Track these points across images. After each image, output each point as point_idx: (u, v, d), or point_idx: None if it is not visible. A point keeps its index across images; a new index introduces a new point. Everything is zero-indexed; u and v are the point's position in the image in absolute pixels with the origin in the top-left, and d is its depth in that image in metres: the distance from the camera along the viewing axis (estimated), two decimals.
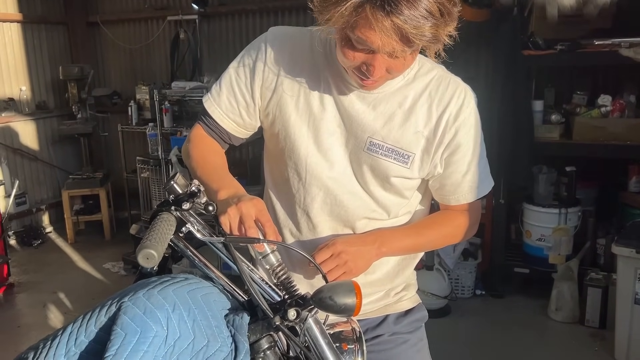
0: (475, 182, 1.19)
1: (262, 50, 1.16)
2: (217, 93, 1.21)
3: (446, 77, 1.14)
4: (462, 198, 1.20)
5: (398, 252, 1.22)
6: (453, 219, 1.23)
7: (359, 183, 1.17)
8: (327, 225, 1.19)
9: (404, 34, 0.89)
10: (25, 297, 3.74)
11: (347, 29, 0.93)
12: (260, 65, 1.16)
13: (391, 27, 0.88)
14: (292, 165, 1.18)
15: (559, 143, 3.23)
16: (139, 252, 0.81)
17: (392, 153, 1.13)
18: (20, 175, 4.83)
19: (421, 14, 0.87)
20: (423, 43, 0.92)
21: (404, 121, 1.12)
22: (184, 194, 0.95)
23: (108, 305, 0.92)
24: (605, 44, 3.01)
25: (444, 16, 0.90)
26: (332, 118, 1.14)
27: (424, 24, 0.88)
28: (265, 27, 4.37)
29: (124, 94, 5.30)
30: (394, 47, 0.92)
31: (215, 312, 0.97)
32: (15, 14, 4.83)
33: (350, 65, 1.01)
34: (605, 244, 3.18)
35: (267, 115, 1.19)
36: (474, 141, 1.16)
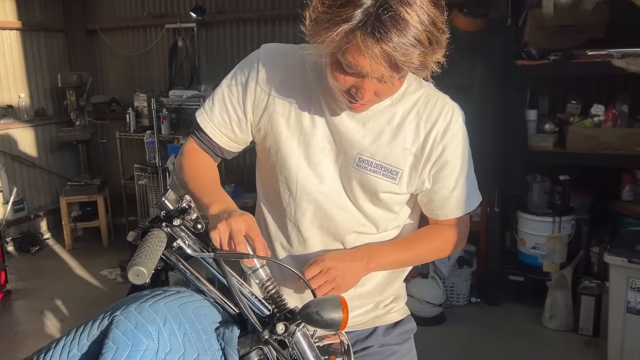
0: (463, 198, 1.21)
1: (254, 68, 1.19)
2: (210, 108, 1.23)
3: (434, 95, 1.16)
4: (450, 213, 1.22)
5: (387, 267, 1.23)
6: (441, 233, 1.25)
7: (349, 198, 1.19)
8: (317, 239, 1.21)
9: (392, 61, 0.91)
10: (23, 304, 3.75)
11: (337, 53, 0.95)
12: (252, 82, 1.18)
13: (380, 54, 0.90)
14: (282, 180, 1.20)
15: (553, 152, 3.26)
16: (129, 270, 0.83)
17: (380, 169, 1.15)
18: (19, 182, 4.85)
19: (410, 42, 0.89)
20: (411, 70, 0.94)
21: (392, 138, 1.15)
22: (175, 210, 0.97)
23: (100, 319, 0.94)
24: (598, 54, 3.05)
25: (433, 44, 0.92)
26: (322, 134, 1.16)
27: (413, 51, 0.90)
28: (263, 36, 4.41)
29: (122, 101, 5.33)
30: (382, 73, 0.94)
31: (206, 325, 0.99)
32: (15, 22, 4.86)
33: (340, 88, 1.03)
34: (598, 253, 3.20)
35: (258, 131, 1.22)
36: (462, 158, 1.18)
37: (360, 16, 0.88)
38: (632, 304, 2.65)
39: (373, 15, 0.88)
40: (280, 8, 4.57)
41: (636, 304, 2.64)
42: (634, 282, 2.63)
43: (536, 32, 3.32)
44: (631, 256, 2.62)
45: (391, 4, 0.88)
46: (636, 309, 2.65)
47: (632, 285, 2.64)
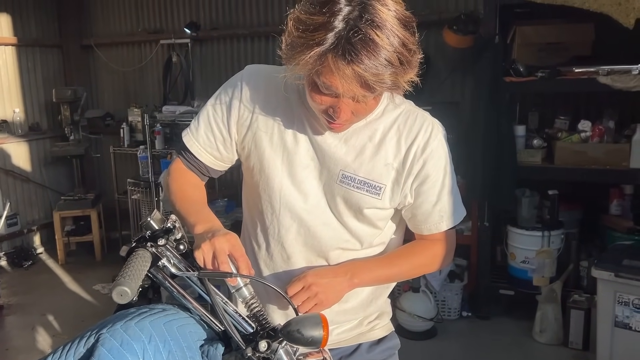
0: (447, 212, 1.23)
1: (237, 88, 1.22)
2: (196, 128, 1.26)
3: (414, 112, 1.20)
4: (433, 227, 1.24)
5: (370, 283, 1.24)
6: (427, 248, 1.27)
7: (333, 214, 1.21)
8: (301, 256, 1.23)
9: (364, 81, 0.95)
10: (14, 319, 3.75)
11: (312, 74, 0.99)
12: (236, 102, 1.22)
13: (352, 75, 0.94)
14: (266, 198, 1.23)
15: (542, 167, 3.30)
16: (113, 289, 0.85)
17: (364, 185, 1.18)
18: (12, 196, 4.85)
19: (380, 63, 0.93)
20: (383, 89, 0.98)
21: (374, 154, 1.18)
22: (160, 229, 1.00)
23: (87, 337, 0.96)
24: (584, 72, 3.09)
25: (404, 65, 0.96)
26: (306, 152, 1.19)
27: (384, 72, 0.94)
28: (256, 51, 4.46)
29: (116, 116, 5.36)
30: (355, 93, 0.98)
31: (191, 342, 1.01)
32: (10, 38, 4.90)
33: (318, 109, 1.07)
34: (587, 267, 3.24)
35: (243, 149, 1.25)
36: (443, 172, 1.20)
37: (332, 39, 0.93)
38: (620, 317, 2.68)
39: (344, 38, 0.92)
40: (273, 25, 4.63)
41: (623, 318, 2.67)
42: (621, 296, 2.66)
43: (524, 49, 3.38)
44: (618, 270, 2.65)
45: (361, 27, 0.92)
46: (623, 323, 2.67)
47: (620, 299, 2.67)
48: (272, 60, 4.67)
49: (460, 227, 3.49)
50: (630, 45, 2.98)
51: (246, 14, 4.74)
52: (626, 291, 2.65)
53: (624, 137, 3.18)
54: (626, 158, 3.06)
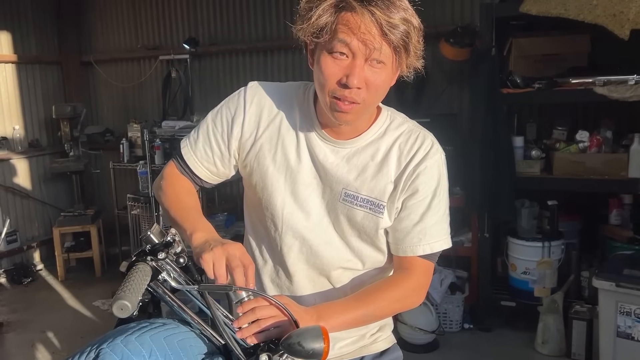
0: (426, 236, 1.17)
1: (241, 105, 1.22)
2: (194, 141, 1.26)
3: (416, 131, 1.21)
4: (408, 249, 1.18)
5: (340, 328, 1.12)
6: (401, 282, 1.19)
7: (337, 232, 1.21)
8: (303, 274, 1.23)
9: (379, 24, 1.00)
10: (14, 336, 3.72)
11: (326, 33, 1.03)
12: (239, 119, 1.22)
13: (369, 18, 1.00)
14: (269, 216, 1.23)
15: (540, 177, 3.31)
16: (113, 304, 0.86)
17: (367, 203, 1.18)
18: (12, 213, 4.85)
19: (396, 11, 1.01)
20: (397, 39, 1.02)
21: (376, 172, 1.18)
22: (160, 243, 1.00)
23: (87, 352, 0.96)
24: (581, 82, 3.12)
25: (414, 26, 1.05)
26: (309, 170, 1.20)
27: (397, 19, 1.01)
28: (255, 66, 4.50)
29: (116, 132, 5.39)
30: (373, 40, 1.01)
31: (191, 356, 1.01)
32: (10, 55, 4.93)
33: (331, 84, 1.07)
34: (588, 277, 3.23)
35: (245, 167, 1.25)
36: (432, 193, 1.17)
37: None
38: (622, 328, 2.67)
39: None
40: (271, 40, 4.67)
41: (626, 328, 2.66)
42: (623, 306, 2.65)
43: (520, 61, 3.41)
44: (619, 280, 2.64)
45: None
46: (626, 333, 2.66)
47: (621, 309, 2.66)
48: (271, 74, 4.71)
49: (460, 238, 3.54)
50: (625, 55, 3.00)
51: (244, 29, 4.78)
52: (628, 301, 2.64)
53: (622, 147, 3.19)
54: (624, 168, 3.07)
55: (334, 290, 1.25)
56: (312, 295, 1.25)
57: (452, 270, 3.48)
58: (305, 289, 1.25)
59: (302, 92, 1.24)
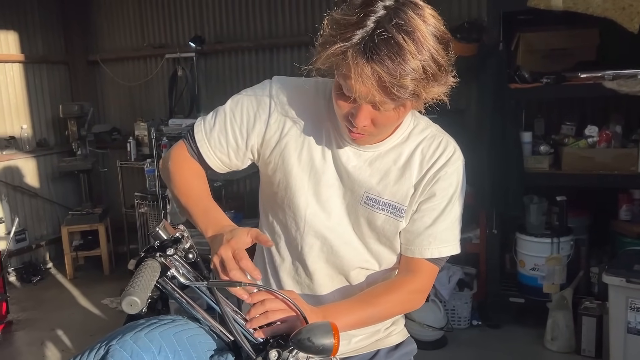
0: (436, 240, 1.17)
1: (265, 101, 1.20)
2: (210, 128, 1.22)
3: (439, 136, 1.18)
4: (417, 251, 1.18)
5: (345, 329, 1.11)
6: (406, 283, 1.19)
7: (356, 234, 1.20)
8: (322, 272, 1.23)
9: (382, 84, 0.93)
10: (24, 334, 3.75)
11: (336, 74, 1.00)
12: (263, 115, 1.19)
13: (370, 74, 0.93)
14: (290, 215, 1.21)
15: (549, 173, 3.29)
16: (122, 300, 0.85)
17: (388, 207, 1.17)
18: (21, 212, 4.88)
19: (401, 66, 0.92)
20: (402, 97, 0.95)
21: (399, 177, 1.16)
22: (169, 239, 1.00)
23: (97, 348, 0.96)
24: (590, 77, 3.09)
25: (429, 76, 0.94)
26: (332, 172, 1.18)
27: (404, 76, 0.92)
28: (261, 64, 4.47)
29: (123, 130, 5.40)
30: (373, 96, 0.96)
31: (201, 353, 1.00)
32: (17, 55, 4.96)
33: (341, 114, 1.07)
34: (598, 273, 3.20)
35: (268, 163, 1.22)
36: (448, 200, 1.17)
37: (358, 37, 0.93)
38: (632, 324, 2.65)
39: (369, 36, 0.93)
40: (277, 37, 4.66)
41: (636, 324, 2.64)
42: (633, 302, 2.63)
43: (528, 56, 3.39)
44: (629, 276, 2.62)
45: (388, 29, 0.92)
46: (636, 329, 2.64)
47: (632, 305, 2.64)
48: (277, 72, 4.70)
49: (468, 235, 3.52)
50: (635, 49, 2.97)
51: (250, 26, 4.78)
52: (638, 297, 2.61)
53: (632, 142, 3.17)
54: (634, 162, 3.04)
55: (352, 287, 1.25)
56: (331, 293, 1.24)
57: (461, 266, 3.47)
58: (325, 287, 1.24)
59: (328, 91, 1.19)
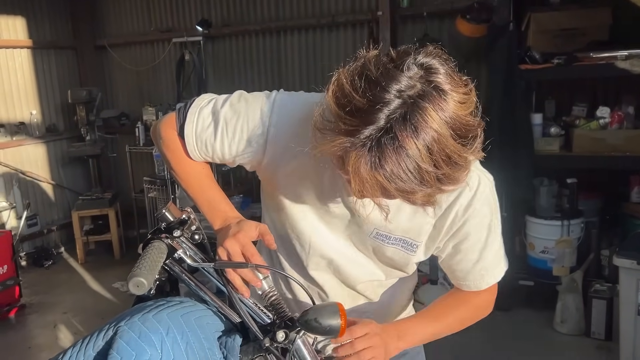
0: (488, 270, 1.12)
1: (262, 130, 1.06)
2: (202, 128, 1.10)
3: None
4: (473, 285, 1.14)
5: (414, 345, 1.16)
6: (468, 300, 1.17)
7: (363, 254, 1.16)
8: (330, 283, 1.21)
9: (388, 192, 0.81)
10: (36, 317, 3.80)
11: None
12: (257, 142, 1.07)
13: (373, 182, 0.80)
14: (294, 236, 1.16)
15: (559, 155, 3.25)
16: (129, 280, 0.85)
17: (399, 242, 1.10)
18: (32, 197, 4.92)
19: (409, 178, 0.78)
20: (413, 203, 0.84)
21: (412, 213, 1.06)
22: (176, 221, 1.00)
23: (105, 330, 0.97)
24: (602, 57, 3.04)
25: (444, 183, 0.81)
26: (339, 205, 1.09)
27: (412, 189, 0.79)
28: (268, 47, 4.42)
29: (131, 115, 5.41)
30: (377, 197, 0.84)
31: (208, 334, 1.01)
32: (25, 40, 4.96)
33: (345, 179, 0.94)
34: (609, 255, 3.18)
35: (270, 180, 1.14)
36: (487, 230, 1.08)
37: (363, 136, 0.77)
38: None
39: (376, 139, 0.77)
40: (284, 19, 4.62)
41: None
42: None
43: (539, 36, 3.33)
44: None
45: (399, 132, 0.76)
46: None
47: None
48: (284, 55, 4.67)
49: None
50: None
51: (257, 9, 4.74)
52: None
53: None
54: None
55: (361, 296, 1.23)
56: (342, 299, 1.18)
57: None
58: (336, 295, 1.22)
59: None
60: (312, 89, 1.12)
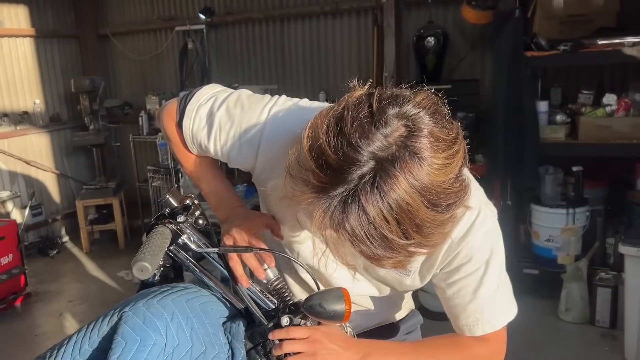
0: (484, 314, 0.99)
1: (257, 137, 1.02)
2: (198, 127, 1.08)
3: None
4: (466, 329, 1.01)
5: None
6: (466, 347, 1.03)
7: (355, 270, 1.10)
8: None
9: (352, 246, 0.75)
10: (42, 306, 3.82)
11: None
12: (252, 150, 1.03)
13: (336, 236, 0.75)
14: (284, 243, 1.11)
15: (565, 143, 3.23)
16: (133, 265, 0.85)
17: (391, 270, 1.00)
18: (36, 187, 4.93)
19: (377, 251, 0.73)
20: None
21: None
22: (179, 207, 0.99)
23: (110, 315, 0.97)
24: (609, 43, 3.01)
25: (414, 253, 0.75)
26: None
27: (379, 259, 0.75)
28: (271, 35, 4.40)
29: (134, 104, 5.40)
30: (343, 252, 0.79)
31: (213, 319, 1.01)
32: (28, 29, 4.94)
33: None
34: (614, 244, 3.17)
35: (260, 186, 1.09)
36: (484, 267, 0.96)
37: (331, 194, 0.72)
38: None
39: (342, 200, 0.72)
40: (287, 7, 4.59)
41: None
42: None
43: (545, 22, 3.30)
44: None
45: (363, 198, 0.71)
46: None
47: None
48: (288, 43, 4.64)
49: None
50: None
51: None
52: None
53: None
54: None
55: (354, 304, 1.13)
56: None
57: None
58: None
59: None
60: (315, 78, 1.08)
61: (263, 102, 1.04)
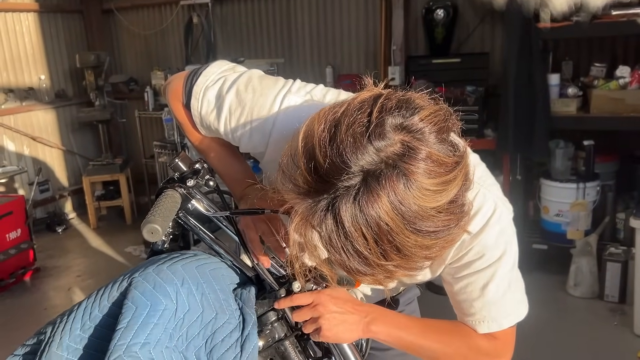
0: (491, 313, 0.97)
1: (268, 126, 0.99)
2: (207, 111, 1.04)
3: (474, 189, 0.90)
4: (471, 325, 1.01)
5: (387, 340, 0.99)
6: (470, 337, 1.00)
7: None
8: None
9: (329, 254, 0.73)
10: (51, 280, 3.85)
11: None
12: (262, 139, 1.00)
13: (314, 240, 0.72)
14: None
15: (576, 117, 3.18)
16: (143, 227, 0.83)
17: None
18: (43, 163, 4.93)
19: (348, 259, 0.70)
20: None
21: None
22: (189, 171, 0.97)
23: (120, 281, 0.96)
24: (623, 14, 2.94)
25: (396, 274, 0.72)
26: None
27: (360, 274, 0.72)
28: (277, 9, 4.34)
29: (140, 80, 5.36)
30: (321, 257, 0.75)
31: (224, 286, 0.99)
32: (32, 4, 4.89)
33: None
34: (624, 218, 3.14)
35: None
36: (496, 264, 0.94)
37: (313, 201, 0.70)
38: None
39: (323, 209, 0.69)
40: None
41: None
42: None
43: None
44: None
45: (341, 210, 0.67)
46: None
47: None
48: (294, 18, 4.57)
49: None
50: None
51: None
52: None
53: None
54: None
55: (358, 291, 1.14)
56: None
57: None
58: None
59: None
60: (322, 53, 1.04)
61: (276, 88, 0.99)
